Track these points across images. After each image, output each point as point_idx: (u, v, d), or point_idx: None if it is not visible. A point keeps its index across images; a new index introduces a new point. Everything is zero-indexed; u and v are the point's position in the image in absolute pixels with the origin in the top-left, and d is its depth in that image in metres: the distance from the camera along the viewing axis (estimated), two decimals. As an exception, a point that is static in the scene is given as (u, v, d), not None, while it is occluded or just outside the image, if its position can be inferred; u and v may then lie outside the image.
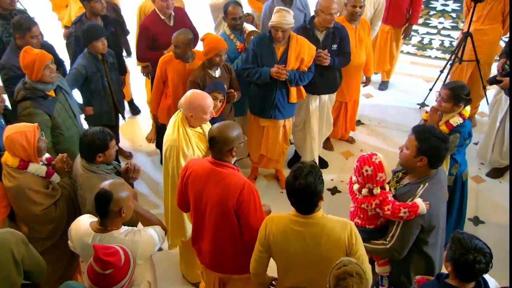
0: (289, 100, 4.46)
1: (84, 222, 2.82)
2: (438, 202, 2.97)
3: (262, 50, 4.30)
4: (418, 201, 2.90)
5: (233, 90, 4.21)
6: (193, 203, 3.08)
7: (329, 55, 4.49)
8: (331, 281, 2.30)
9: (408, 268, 3.14)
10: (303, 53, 4.29)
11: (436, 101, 3.72)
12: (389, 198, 3.01)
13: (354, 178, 3.17)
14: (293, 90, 4.42)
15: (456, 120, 3.64)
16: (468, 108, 3.68)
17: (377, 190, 3.05)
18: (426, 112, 3.92)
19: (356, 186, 3.16)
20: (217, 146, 2.94)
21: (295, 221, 2.65)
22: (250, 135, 4.69)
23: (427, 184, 2.96)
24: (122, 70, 5.14)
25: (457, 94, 3.57)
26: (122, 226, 2.79)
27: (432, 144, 2.92)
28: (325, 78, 4.65)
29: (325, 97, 4.87)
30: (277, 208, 3.12)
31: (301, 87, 4.49)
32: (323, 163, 5.34)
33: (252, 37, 4.46)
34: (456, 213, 4.12)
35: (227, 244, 3.03)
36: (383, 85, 6.68)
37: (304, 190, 2.54)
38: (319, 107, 4.89)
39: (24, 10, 5.13)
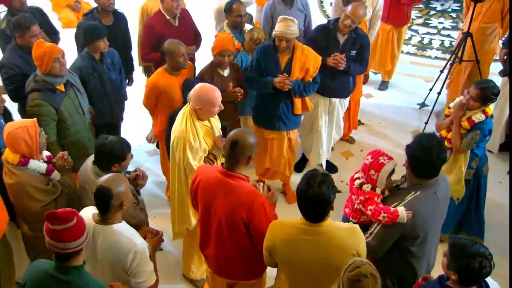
0: (294, 112, 4.39)
1: (87, 214, 2.81)
2: (426, 213, 2.90)
3: (266, 59, 4.25)
4: (400, 209, 2.88)
5: (239, 89, 4.19)
6: (201, 210, 3.07)
7: (345, 60, 4.42)
8: (346, 284, 2.25)
9: (391, 274, 3.13)
10: (308, 63, 4.22)
11: (464, 98, 3.79)
12: (375, 199, 3.01)
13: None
14: (297, 101, 4.35)
15: (478, 117, 3.74)
16: (492, 106, 3.79)
17: (367, 187, 3.07)
18: (449, 108, 3.98)
19: (357, 175, 3.19)
20: (238, 151, 2.85)
21: (303, 230, 2.62)
22: None
23: (418, 192, 2.92)
24: (130, 67, 5.17)
25: (487, 95, 3.68)
26: (123, 221, 2.80)
27: (412, 148, 2.92)
28: (337, 81, 4.61)
29: (336, 100, 4.82)
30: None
31: (307, 99, 4.44)
32: (332, 168, 5.29)
33: (254, 32, 4.43)
34: (474, 209, 4.18)
35: (234, 253, 3.01)
36: (383, 85, 6.69)
37: (317, 199, 2.50)
38: (328, 110, 4.84)
39: (38, 9, 5.17)
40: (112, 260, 2.71)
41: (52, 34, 5.03)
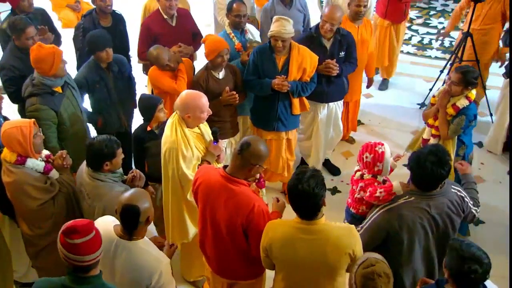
0: (292, 112, 4.38)
1: (108, 225, 2.74)
2: (413, 220, 2.91)
3: (263, 61, 4.23)
4: (395, 182, 2.96)
5: (235, 92, 4.17)
6: (201, 211, 3.06)
7: (337, 65, 4.42)
8: (358, 281, 2.27)
9: None
10: (305, 63, 4.21)
11: (446, 84, 3.86)
12: (375, 184, 3.08)
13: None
14: (295, 101, 4.34)
15: (462, 103, 3.80)
16: (474, 91, 3.85)
17: (368, 176, 3.15)
18: (434, 97, 4.03)
19: (356, 168, 3.27)
20: (246, 154, 2.83)
21: (299, 229, 2.63)
22: None
23: (413, 198, 2.94)
24: None
25: (468, 78, 3.75)
26: (145, 236, 2.75)
27: (412, 159, 2.95)
28: (333, 85, 4.60)
29: (333, 104, 4.81)
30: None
31: (304, 99, 4.43)
32: (335, 170, 5.30)
33: (253, 48, 4.41)
34: None
35: (234, 253, 3.01)
36: (384, 85, 6.69)
37: (306, 193, 2.52)
38: (327, 116, 4.83)
39: (41, 10, 5.17)
40: (134, 277, 2.64)
41: (54, 36, 5.02)
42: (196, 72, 4.39)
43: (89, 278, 2.31)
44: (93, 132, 4.52)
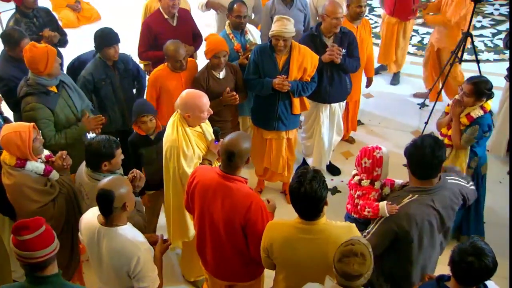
0: (293, 112, 4.39)
1: (95, 214, 2.79)
2: (421, 218, 2.89)
3: (263, 60, 4.23)
4: (381, 204, 2.94)
5: (235, 93, 4.17)
6: (198, 213, 3.05)
7: (342, 50, 4.39)
8: (336, 256, 2.31)
9: (385, 274, 3.15)
10: (305, 62, 4.21)
11: (458, 95, 3.79)
12: (371, 195, 3.06)
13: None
14: (296, 101, 4.34)
15: (477, 113, 3.75)
16: (490, 101, 3.77)
17: (365, 183, 3.12)
18: (448, 106, 3.99)
19: (354, 171, 3.25)
20: (237, 160, 2.85)
21: (299, 228, 2.63)
22: (253, 147, 4.59)
23: (416, 195, 2.93)
24: None
25: (479, 89, 3.67)
26: (128, 223, 2.77)
27: (408, 148, 2.94)
28: (335, 86, 4.60)
29: (335, 105, 4.81)
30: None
31: (305, 99, 4.44)
32: (335, 170, 5.31)
33: (253, 47, 4.41)
34: (473, 210, 4.15)
35: (232, 255, 3.01)
36: (395, 80, 6.73)
37: (309, 196, 2.52)
38: (329, 116, 4.83)
39: (45, 9, 5.17)
40: (116, 263, 2.69)
41: (60, 35, 5.01)
42: (197, 73, 4.38)
43: (47, 278, 2.32)
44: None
